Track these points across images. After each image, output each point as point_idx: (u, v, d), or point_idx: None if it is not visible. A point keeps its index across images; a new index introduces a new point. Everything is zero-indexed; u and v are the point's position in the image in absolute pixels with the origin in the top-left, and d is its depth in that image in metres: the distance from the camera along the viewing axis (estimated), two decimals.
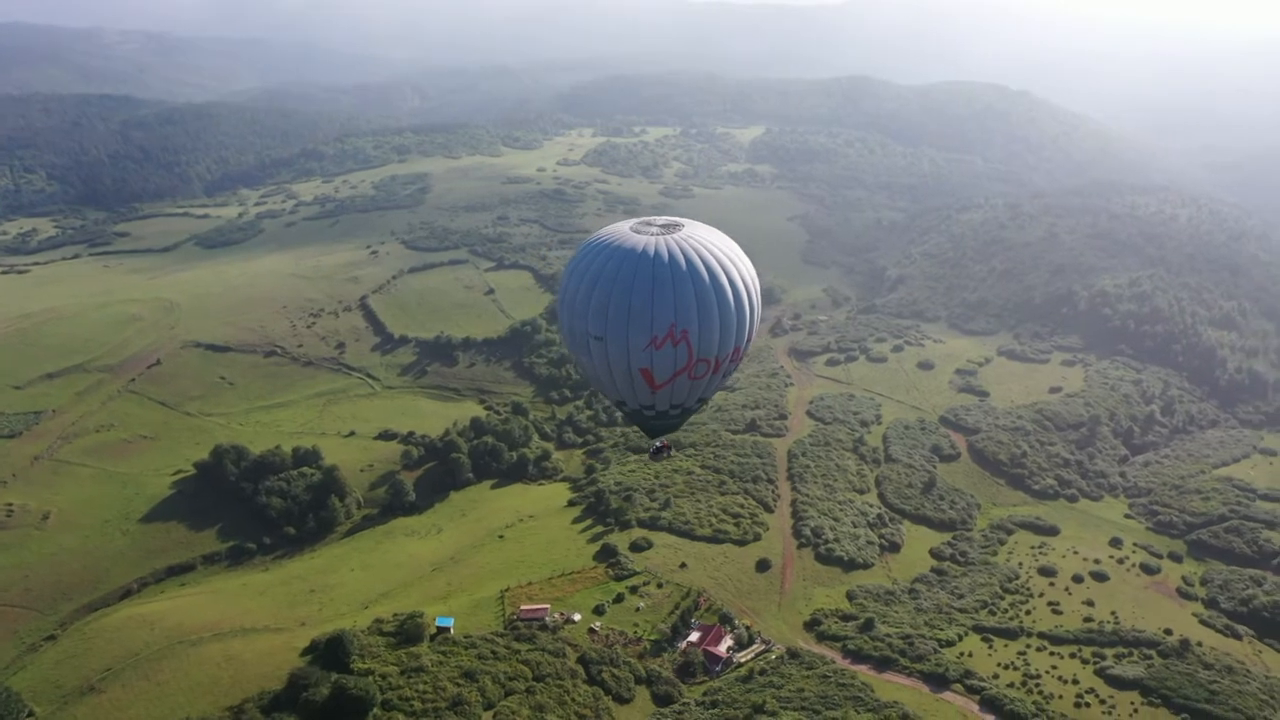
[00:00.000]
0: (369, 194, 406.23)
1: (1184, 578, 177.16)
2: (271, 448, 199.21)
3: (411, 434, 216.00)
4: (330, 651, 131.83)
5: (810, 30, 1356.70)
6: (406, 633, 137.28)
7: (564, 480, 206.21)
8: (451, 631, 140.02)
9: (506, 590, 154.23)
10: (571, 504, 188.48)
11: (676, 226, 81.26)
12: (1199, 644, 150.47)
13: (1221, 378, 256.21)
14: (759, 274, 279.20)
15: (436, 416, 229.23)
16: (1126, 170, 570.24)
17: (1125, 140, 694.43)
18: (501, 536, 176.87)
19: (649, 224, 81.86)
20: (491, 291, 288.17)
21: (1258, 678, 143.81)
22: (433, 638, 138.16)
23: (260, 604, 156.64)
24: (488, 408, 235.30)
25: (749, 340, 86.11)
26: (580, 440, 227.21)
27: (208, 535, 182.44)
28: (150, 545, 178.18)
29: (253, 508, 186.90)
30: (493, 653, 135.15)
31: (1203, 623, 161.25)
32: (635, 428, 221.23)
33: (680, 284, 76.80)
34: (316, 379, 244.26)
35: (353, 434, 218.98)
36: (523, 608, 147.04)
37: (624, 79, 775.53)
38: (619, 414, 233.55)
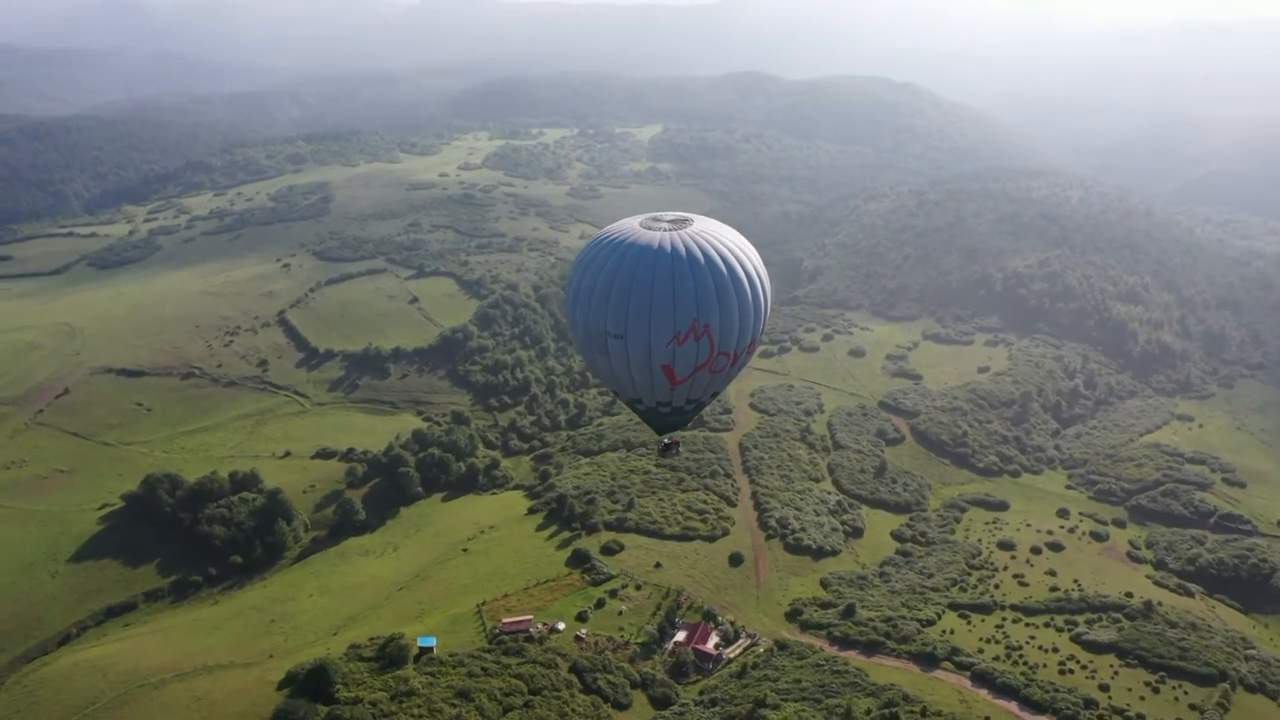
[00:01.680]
0: (268, 206, 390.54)
1: (1131, 542, 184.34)
2: (207, 474, 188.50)
3: (352, 450, 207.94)
4: (312, 682, 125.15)
5: (690, 29, 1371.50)
6: (389, 656, 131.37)
7: (517, 488, 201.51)
8: (435, 651, 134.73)
9: (483, 604, 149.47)
10: (532, 511, 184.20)
11: (686, 222, 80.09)
12: (1159, 604, 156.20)
13: (1134, 350, 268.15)
14: None
15: (374, 431, 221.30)
16: (1009, 156, 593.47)
17: (1003, 127, 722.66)
18: (466, 549, 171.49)
19: (658, 220, 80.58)
20: (415, 300, 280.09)
21: (1219, 631, 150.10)
22: (417, 659, 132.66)
23: (218, 639, 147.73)
24: (426, 419, 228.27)
25: (763, 330, 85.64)
26: (526, 446, 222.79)
27: (147, 571, 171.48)
28: (85, 586, 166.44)
29: (194, 538, 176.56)
30: (483, 669, 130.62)
31: (1156, 584, 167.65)
32: (577, 431, 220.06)
33: (701, 278, 75.93)
34: (241, 399, 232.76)
35: (288, 454, 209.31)
36: (505, 620, 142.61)
37: (516, 81, 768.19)
38: (572, 418, 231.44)
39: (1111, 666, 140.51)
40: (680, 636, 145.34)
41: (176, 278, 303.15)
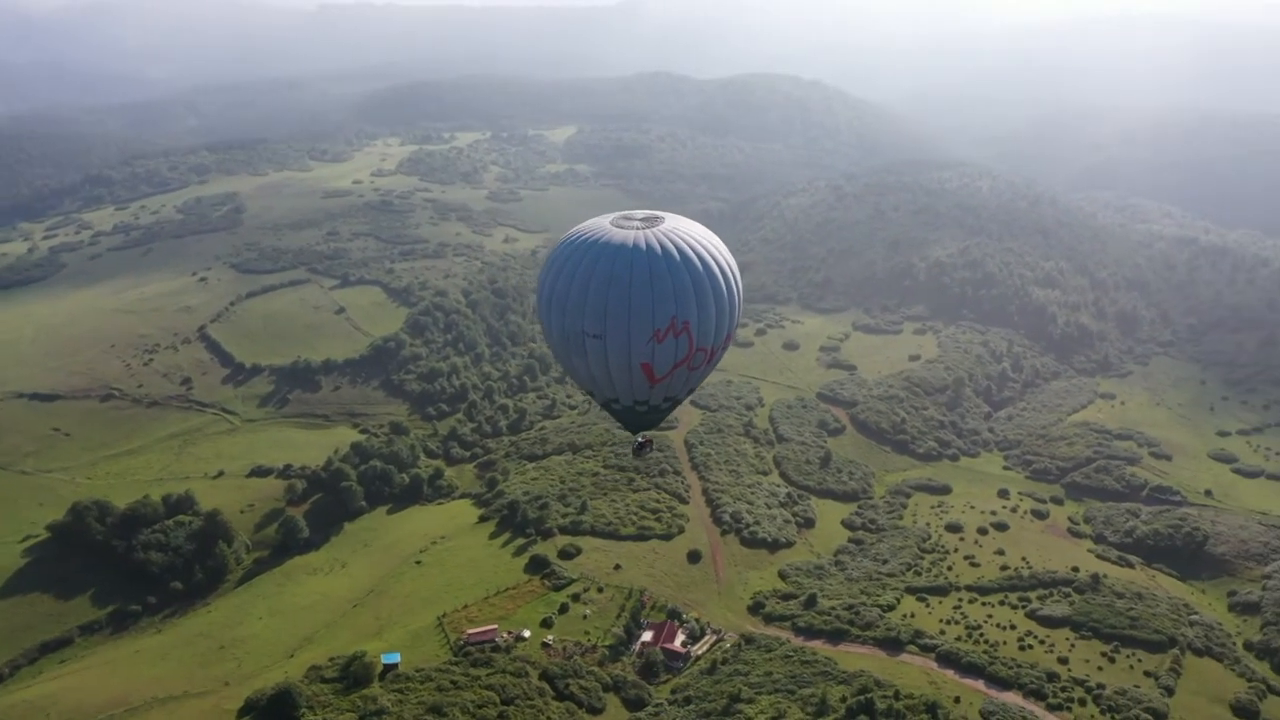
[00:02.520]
0: (176, 218, 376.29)
1: (1070, 518, 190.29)
2: (138, 499, 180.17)
3: (289, 467, 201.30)
4: (275, 708, 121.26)
5: (593, 30, 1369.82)
6: (353, 675, 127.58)
7: (463, 497, 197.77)
8: (401, 667, 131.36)
9: (444, 616, 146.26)
10: (483, 520, 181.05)
11: (658, 219, 79.99)
12: (1105, 576, 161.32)
13: (1054, 332, 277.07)
14: None
15: (310, 446, 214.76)
16: (915, 150, 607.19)
17: (906, 121, 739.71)
18: (419, 562, 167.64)
19: (629, 218, 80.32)
20: (342, 310, 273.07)
21: (1162, 599, 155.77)
22: (382, 677, 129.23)
23: (167, 669, 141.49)
24: (364, 431, 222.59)
25: (736, 325, 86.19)
26: (469, 454, 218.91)
27: (80, 603, 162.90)
28: (12, 622, 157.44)
29: (128, 566, 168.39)
30: (452, 683, 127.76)
31: (1099, 557, 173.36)
32: (519, 436, 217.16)
33: (678, 275, 76.02)
34: (165, 420, 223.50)
35: (221, 474, 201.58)
36: (469, 632, 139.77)
37: (423, 85, 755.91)
38: (513, 423, 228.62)
39: (1068, 639, 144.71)
40: (647, 637, 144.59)
41: (86, 296, 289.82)
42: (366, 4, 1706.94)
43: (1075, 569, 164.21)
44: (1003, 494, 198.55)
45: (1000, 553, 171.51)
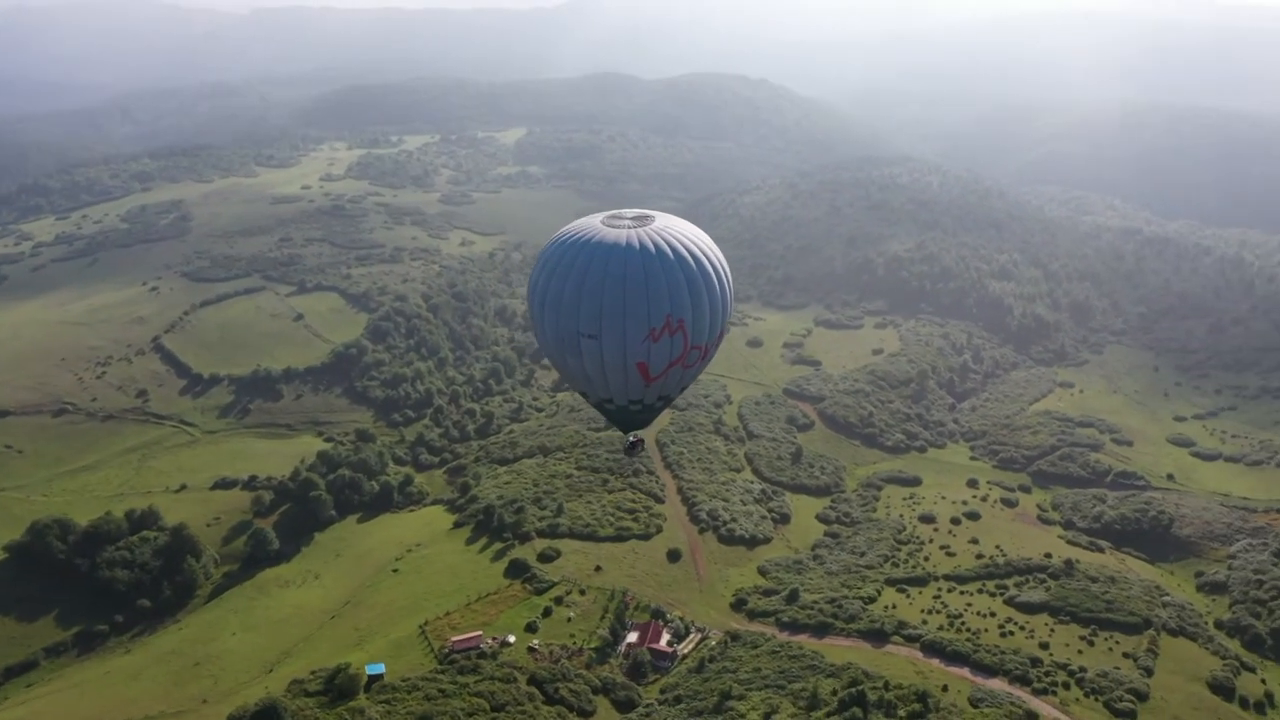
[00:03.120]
0: (121, 227, 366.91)
1: (1039, 506, 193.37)
2: (100, 515, 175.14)
3: (254, 478, 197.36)
4: None
5: (536, 32, 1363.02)
6: (338, 688, 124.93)
7: (435, 503, 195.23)
8: (386, 678, 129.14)
9: (426, 624, 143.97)
10: (458, 525, 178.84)
11: (649, 218, 79.79)
12: (1078, 562, 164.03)
13: (1011, 323, 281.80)
14: None
15: (274, 456, 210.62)
16: (863, 147, 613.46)
17: (853, 119, 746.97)
18: (396, 570, 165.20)
19: (619, 217, 79.98)
20: (301, 317, 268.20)
21: (1135, 582, 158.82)
22: (368, 688, 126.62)
23: (141, 689, 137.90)
24: (329, 439, 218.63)
25: (728, 322, 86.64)
26: (437, 460, 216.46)
27: (44, 624, 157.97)
28: None
29: (93, 585, 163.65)
30: (440, 691, 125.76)
31: (1070, 543, 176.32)
32: (487, 440, 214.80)
33: (672, 274, 75.99)
34: (122, 434, 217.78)
35: (184, 488, 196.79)
36: (453, 639, 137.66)
37: (369, 89, 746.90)
38: (480, 427, 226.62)
39: (1047, 625, 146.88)
40: (633, 637, 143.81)
41: (31, 308, 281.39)
42: (301, 7, 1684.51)
43: (1048, 555, 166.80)
44: (972, 484, 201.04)
45: (974, 542, 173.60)
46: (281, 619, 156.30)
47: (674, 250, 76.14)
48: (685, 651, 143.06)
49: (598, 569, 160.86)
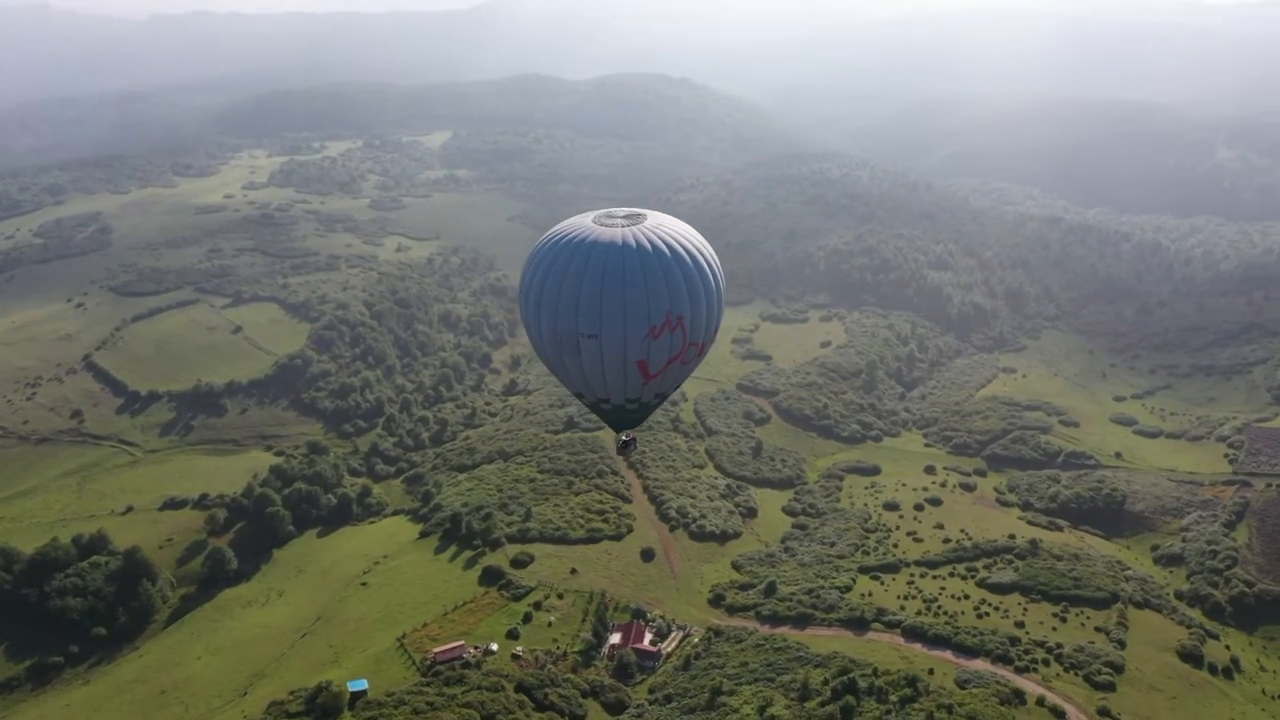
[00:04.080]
0: (35, 242, 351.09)
1: (996, 489, 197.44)
2: (46, 542, 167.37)
3: (205, 496, 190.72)
4: None
5: (449, 35, 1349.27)
6: (321, 707, 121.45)
7: (396, 514, 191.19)
8: (370, 694, 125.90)
9: (403, 637, 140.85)
10: (424, 535, 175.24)
11: (640, 217, 79.61)
12: (1041, 541, 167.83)
13: (951, 312, 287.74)
14: (504, 275, 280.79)
15: (222, 473, 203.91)
16: (787, 144, 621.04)
17: (774, 117, 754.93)
18: (365, 584, 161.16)
19: (611, 216, 79.60)
20: (239, 329, 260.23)
21: (1097, 558, 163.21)
22: (352, 705, 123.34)
23: None
24: (279, 453, 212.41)
25: (721, 317, 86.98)
26: (393, 469, 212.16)
27: None
28: None
29: (43, 615, 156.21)
30: (428, 704, 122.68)
31: (1029, 523, 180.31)
32: (443, 447, 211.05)
33: (670, 271, 75.92)
34: (58, 456, 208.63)
35: (131, 509, 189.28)
36: (436, 650, 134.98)
37: (286, 95, 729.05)
38: (435, 434, 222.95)
39: (1019, 604, 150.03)
40: (616, 639, 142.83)
41: None
42: (203, 13, 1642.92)
43: (1012, 536, 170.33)
44: (929, 470, 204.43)
45: (940, 527, 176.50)
46: (248, 640, 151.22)
47: (670, 248, 75.84)
48: (669, 650, 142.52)
49: (573, 571, 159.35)
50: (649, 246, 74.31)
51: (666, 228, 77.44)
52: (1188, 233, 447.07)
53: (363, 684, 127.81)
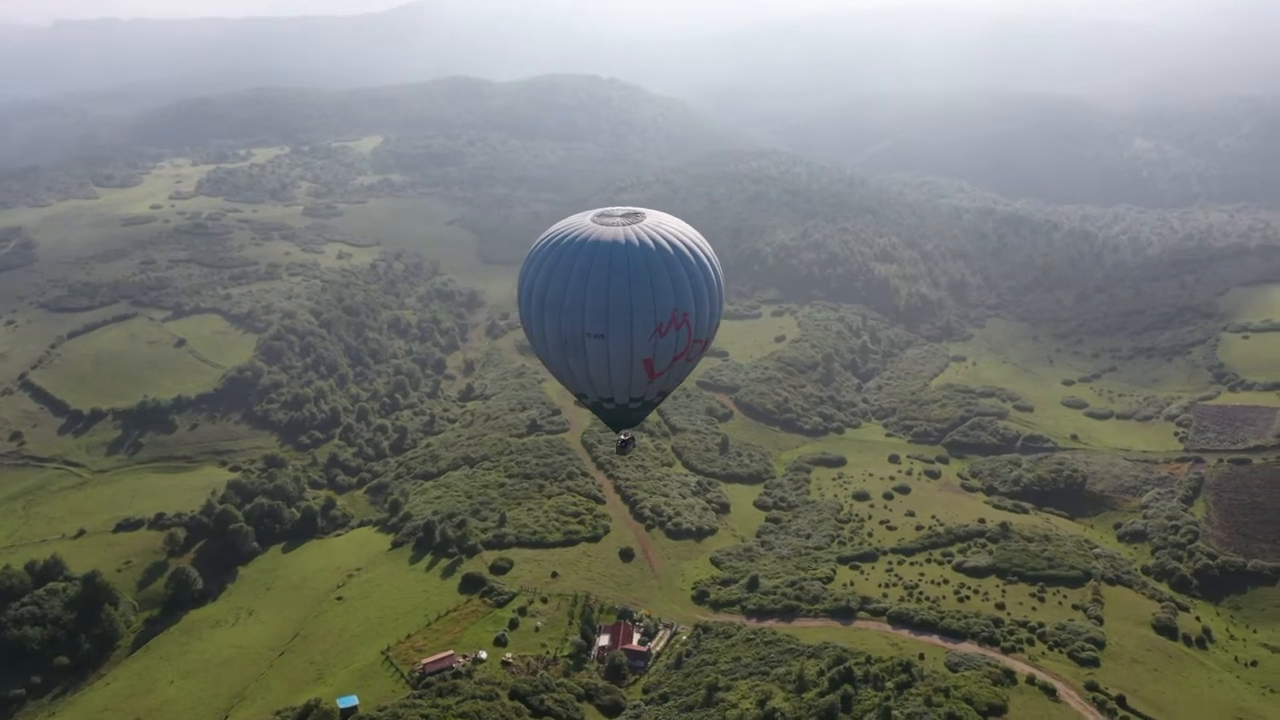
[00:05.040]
0: None
1: (960, 475, 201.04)
2: None
3: (162, 515, 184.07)
4: None
5: (368, 39, 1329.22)
6: None
7: (363, 525, 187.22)
8: (361, 709, 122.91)
9: (388, 650, 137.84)
10: (396, 546, 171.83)
11: (640, 215, 79.81)
12: (1011, 524, 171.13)
13: (899, 303, 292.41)
14: (449, 280, 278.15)
15: (177, 491, 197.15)
16: (720, 142, 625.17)
17: (706, 116, 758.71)
18: (340, 598, 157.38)
19: (609, 215, 79.74)
20: (183, 343, 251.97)
21: (1066, 538, 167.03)
22: None
23: None
24: (234, 468, 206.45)
25: (721, 313, 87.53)
26: (355, 480, 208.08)
27: None
28: None
29: (1, 646, 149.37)
30: (423, 717, 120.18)
31: (996, 507, 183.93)
32: (405, 455, 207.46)
33: (674, 269, 76.39)
34: (0, 480, 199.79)
35: (83, 533, 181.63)
36: (425, 662, 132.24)
37: (206, 103, 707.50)
38: (395, 443, 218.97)
39: (997, 586, 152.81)
40: (605, 640, 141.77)
41: None
42: (109, 19, 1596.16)
43: (983, 521, 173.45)
44: (894, 459, 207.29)
45: (911, 514, 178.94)
46: (223, 661, 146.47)
47: (673, 245, 75.92)
48: (658, 649, 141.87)
49: (554, 575, 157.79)
50: (652, 245, 74.21)
51: (667, 226, 77.33)
52: (1112, 221, 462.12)
53: (353, 700, 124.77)
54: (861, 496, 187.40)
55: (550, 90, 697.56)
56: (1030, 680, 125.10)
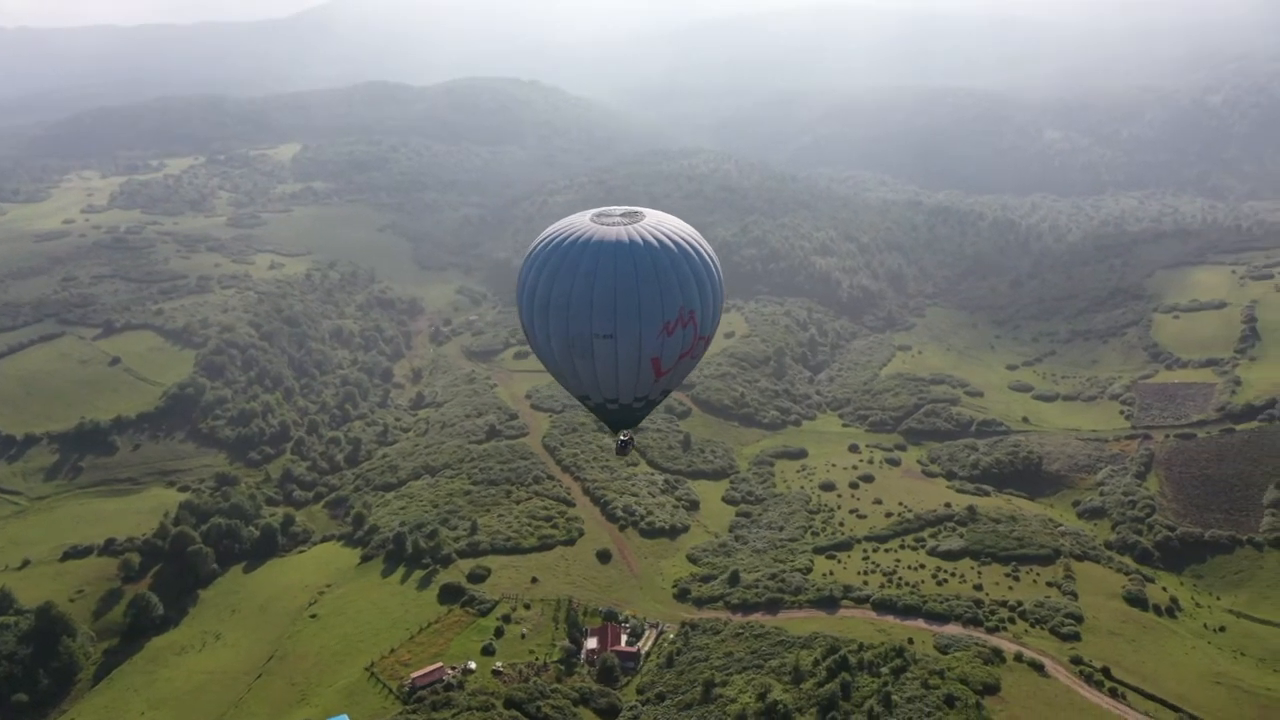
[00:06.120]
0: None
1: (919, 461, 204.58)
2: None
3: (112, 541, 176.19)
4: None
5: (274, 45, 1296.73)
6: None
7: (327, 540, 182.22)
8: None
9: (373, 666, 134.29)
10: (366, 560, 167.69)
11: (639, 215, 79.72)
12: (976, 508, 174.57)
13: (842, 295, 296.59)
14: (387, 288, 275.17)
15: (124, 515, 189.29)
16: (645, 140, 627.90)
17: (626, 117, 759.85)
18: (314, 616, 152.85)
19: (608, 215, 79.48)
20: (117, 360, 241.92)
21: (1031, 518, 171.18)
22: None
23: None
24: (184, 489, 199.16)
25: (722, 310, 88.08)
26: (311, 494, 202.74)
27: None
28: None
29: None
30: None
31: (958, 491, 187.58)
32: (361, 467, 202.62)
33: (680, 267, 76.58)
34: None
35: (27, 563, 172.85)
36: (415, 676, 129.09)
37: (108, 113, 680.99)
38: (349, 455, 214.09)
39: (972, 568, 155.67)
40: (592, 643, 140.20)
41: None
42: None
43: (949, 505, 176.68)
44: (854, 449, 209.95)
45: (878, 502, 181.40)
46: (194, 688, 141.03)
47: (677, 244, 75.83)
48: (647, 649, 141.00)
49: (534, 580, 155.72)
50: (657, 244, 74.01)
51: (668, 224, 77.09)
52: (1030, 210, 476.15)
53: (344, 719, 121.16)
54: (828, 487, 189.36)
55: (471, 93, 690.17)
56: (1018, 658, 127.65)
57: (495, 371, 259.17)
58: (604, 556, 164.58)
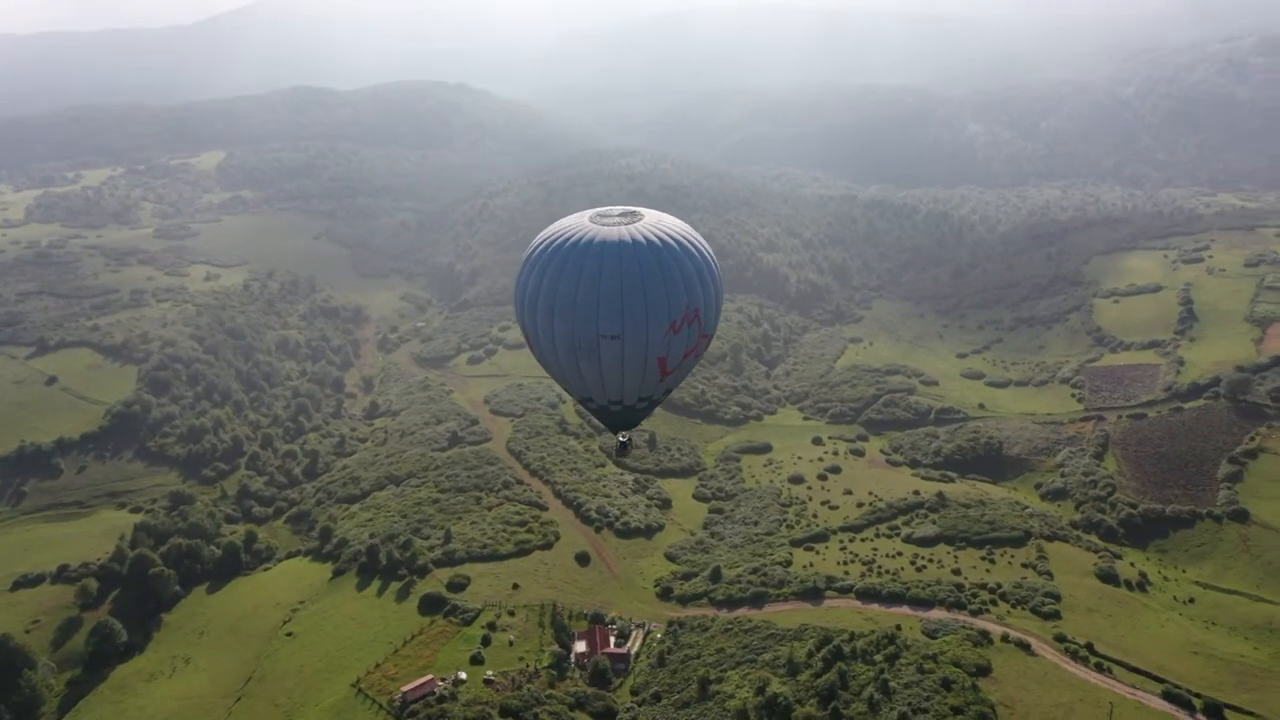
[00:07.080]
0: None
1: (882, 450, 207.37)
2: None
3: (66, 567, 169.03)
4: None
5: (183, 52, 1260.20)
6: None
7: (293, 556, 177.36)
8: None
9: (359, 682, 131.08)
10: (338, 574, 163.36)
11: (638, 215, 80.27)
12: (945, 494, 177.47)
13: (790, 291, 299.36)
14: (330, 296, 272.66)
15: (75, 540, 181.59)
16: (576, 142, 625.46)
17: (555, 118, 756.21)
18: (290, 634, 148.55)
19: (607, 215, 79.84)
20: (54, 380, 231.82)
21: (998, 502, 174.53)
22: None
23: None
24: (136, 509, 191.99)
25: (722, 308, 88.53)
26: (271, 510, 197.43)
27: None
28: None
29: None
30: None
31: (924, 479, 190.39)
32: (321, 479, 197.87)
33: (683, 266, 77.55)
34: None
35: None
36: (405, 689, 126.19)
37: (18, 123, 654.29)
38: (307, 468, 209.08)
39: (949, 553, 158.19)
40: (581, 647, 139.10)
41: None
42: None
43: (917, 492, 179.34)
44: (817, 441, 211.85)
45: (849, 492, 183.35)
46: (168, 716, 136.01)
47: (679, 243, 76.44)
48: (636, 649, 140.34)
49: (516, 587, 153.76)
50: (659, 243, 74.34)
51: (666, 223, 77.42)
52: (959, 201, 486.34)
53: None
54: (797, 480, 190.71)
55: (398, 97, 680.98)
56: (1005, 638, 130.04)
57: (449, 378, 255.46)
58: (583, 559, 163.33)
